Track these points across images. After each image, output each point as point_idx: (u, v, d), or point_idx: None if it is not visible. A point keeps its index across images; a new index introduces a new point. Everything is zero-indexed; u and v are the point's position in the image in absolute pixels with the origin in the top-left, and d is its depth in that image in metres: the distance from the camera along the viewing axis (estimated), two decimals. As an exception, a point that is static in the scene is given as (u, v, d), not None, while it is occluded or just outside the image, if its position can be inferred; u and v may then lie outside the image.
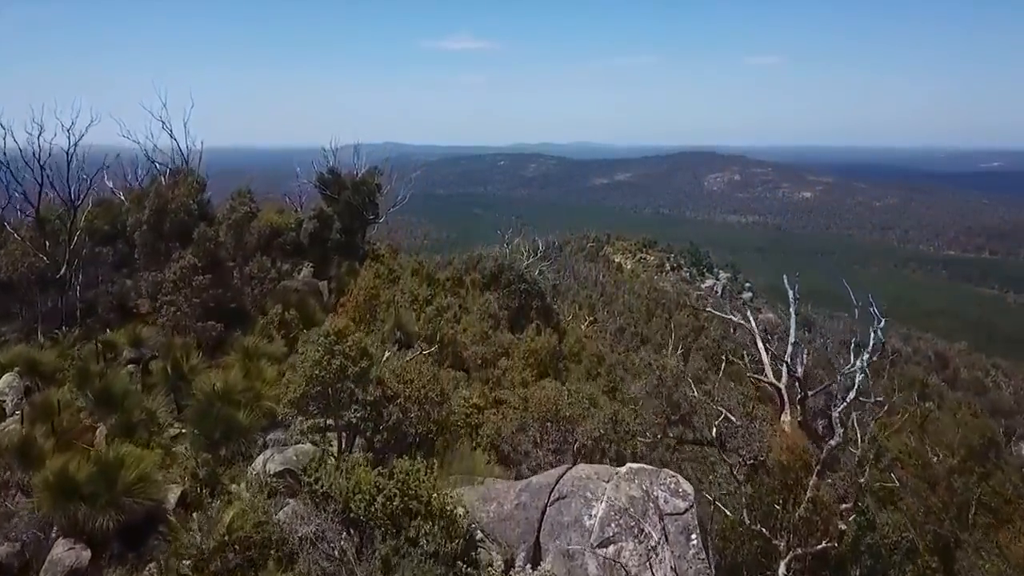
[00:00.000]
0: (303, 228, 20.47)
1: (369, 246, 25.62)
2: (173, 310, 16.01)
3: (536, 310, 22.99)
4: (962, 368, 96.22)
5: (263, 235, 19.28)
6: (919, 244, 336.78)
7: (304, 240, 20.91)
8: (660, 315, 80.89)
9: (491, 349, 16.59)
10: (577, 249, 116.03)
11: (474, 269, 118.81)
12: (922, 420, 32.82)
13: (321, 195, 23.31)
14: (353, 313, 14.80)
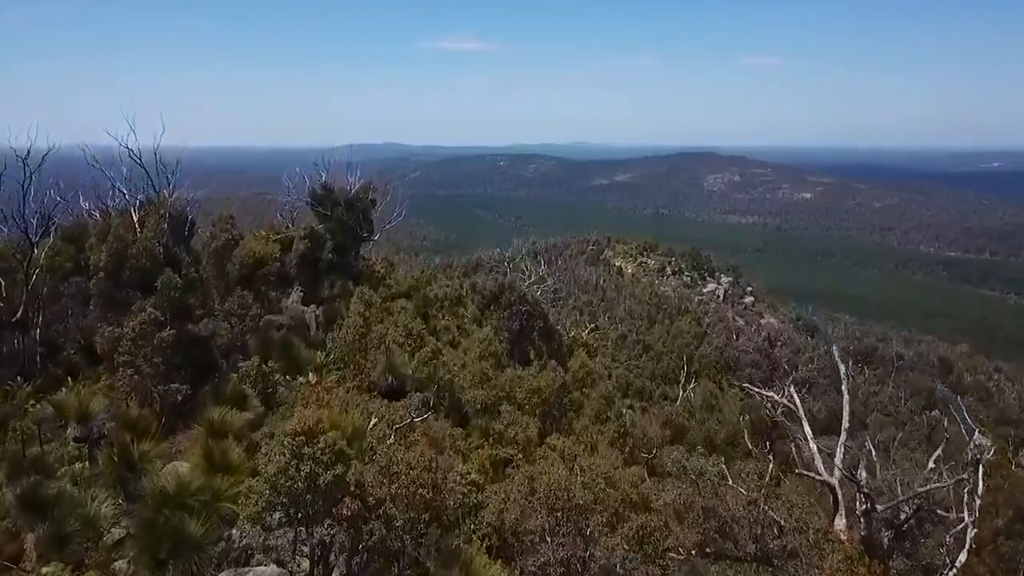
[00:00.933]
0: (293, 249, 19.32)
1: (364, 262, 24.53)
2: (131, 372, 13.75)
3: (538, 331, 21.94)
4: (966, 373, 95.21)
5: (245, 265, 17.61)
6: (919, 245, 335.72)
7: (291, 269, 19.71)
8: (662, 321, 79.93)
9: (492, 393, 15.30)
10: (577, 252, 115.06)
11: (474, 272, 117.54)
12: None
13: (313, 211, 22.08)
14: (326, 403, 13.13)
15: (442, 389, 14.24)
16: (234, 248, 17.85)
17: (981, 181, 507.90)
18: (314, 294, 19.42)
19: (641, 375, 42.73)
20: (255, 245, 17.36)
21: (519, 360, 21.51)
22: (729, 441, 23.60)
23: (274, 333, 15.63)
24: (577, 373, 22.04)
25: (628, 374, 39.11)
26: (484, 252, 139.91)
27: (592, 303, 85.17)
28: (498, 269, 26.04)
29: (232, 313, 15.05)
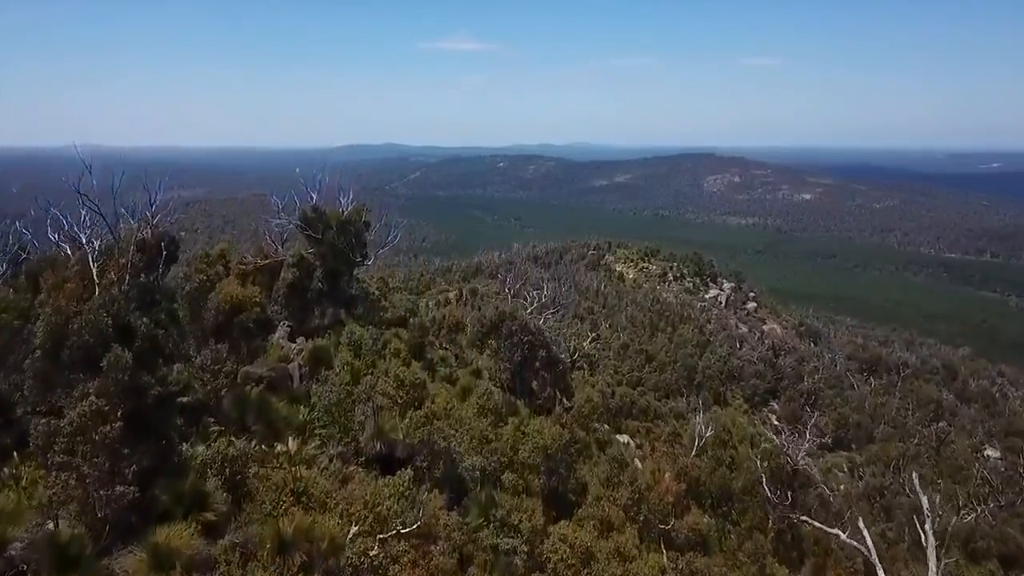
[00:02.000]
0: (281, 278, 18.10)
1: (359, 284, 23.29)
2: (66, 476, 10.56)
3: (540, 361, 20.77)
4: (970, 380, 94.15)
5: (221, 312, 15.99)
6: (920, 247, 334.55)
7: (275, 308, 18.40)
8: (664, 329, 78.77)
9: (492, 459, 13.94)
10: (578, 257, 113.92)
11: (474, 276, 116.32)
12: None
13: (303, 235, 20.74)
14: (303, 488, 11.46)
15: (437, 455, 12.95)
16: (211, 290, 16.23)
17: (981, 182, 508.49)
18: (303, 325, 18.25)
19: (645, 391, 41.56)
20: (232, 289, 15.67)
21: (521, 392, 20.41)
22: (747, 490, 22.44)
23: (252, 387, 14.26)
24: (583, 408, 20.90)
25: (632, 391, 38.00)
26: (484, 256, 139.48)
27: (593, 310, 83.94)
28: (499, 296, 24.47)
29: (205, 369, 13.53)
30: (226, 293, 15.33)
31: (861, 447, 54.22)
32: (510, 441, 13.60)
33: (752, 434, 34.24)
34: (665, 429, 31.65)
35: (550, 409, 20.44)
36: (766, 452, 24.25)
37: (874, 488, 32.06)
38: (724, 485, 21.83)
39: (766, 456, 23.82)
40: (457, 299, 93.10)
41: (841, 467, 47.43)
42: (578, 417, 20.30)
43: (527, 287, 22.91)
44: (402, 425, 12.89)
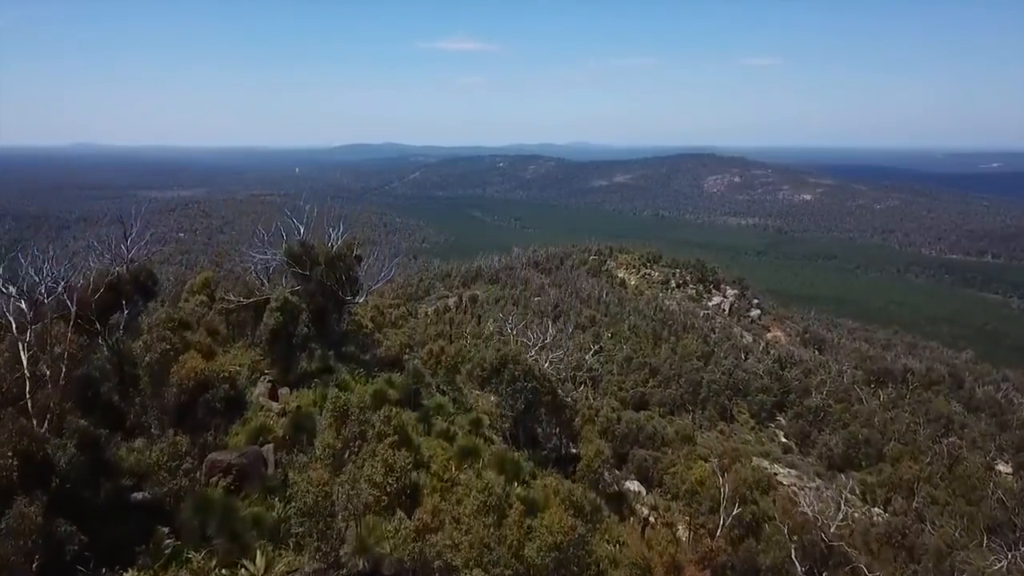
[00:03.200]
0: (263, 323, 16.60)
1: (350, 316, 21.74)
2: None
3: (546, 406, 19.26)
4: (977, 388, 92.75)
5: (185, 390, 14.50)
6: (921, 248, 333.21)
7: (261, 347, 16.88)
8: (667, 339, 77.33)
9: (495, 572, 12.19)
10: (579, 263, 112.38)
11: (473, 282, 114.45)
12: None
13: (290, 271, 19.12)
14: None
15: (430, 573, 11.32)
16: (173, 361, 14.09)
17: (981, 182, 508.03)
18: (288, 373, 16.75)
19: (651, 413, 40.04)
20: (196, 363, 13.69)
21: (524, 442, 18.91)
22: (776, 569, 20.81)
23: (219, 480, 12.50)
24: (592, 463, 19.38)
25: (638, 417, 36.52)
26: (484, 260, 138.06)
27: (595, 319, 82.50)
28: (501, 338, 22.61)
29: (161, 466, 11.69)
30: (189, 368, 13.47)
31: (871, 465, 52.75)
32: (514, 544, 12.00)
33: (768, 476, 32.45)
34: (680, 482, 30.03)
35: (557, 459, 18.98)
36: (796, 526, 22.58)
37: (895, 528, 30.60)
38: (750, 560, 20.27)
39: (796, 529, 22.20)
40: (457, 306, 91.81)
41: (853, 490, 45.85)
42: (587, 471, 18.84)
43: (530, 328, 20.78)
44: (390, 532, 11.26)
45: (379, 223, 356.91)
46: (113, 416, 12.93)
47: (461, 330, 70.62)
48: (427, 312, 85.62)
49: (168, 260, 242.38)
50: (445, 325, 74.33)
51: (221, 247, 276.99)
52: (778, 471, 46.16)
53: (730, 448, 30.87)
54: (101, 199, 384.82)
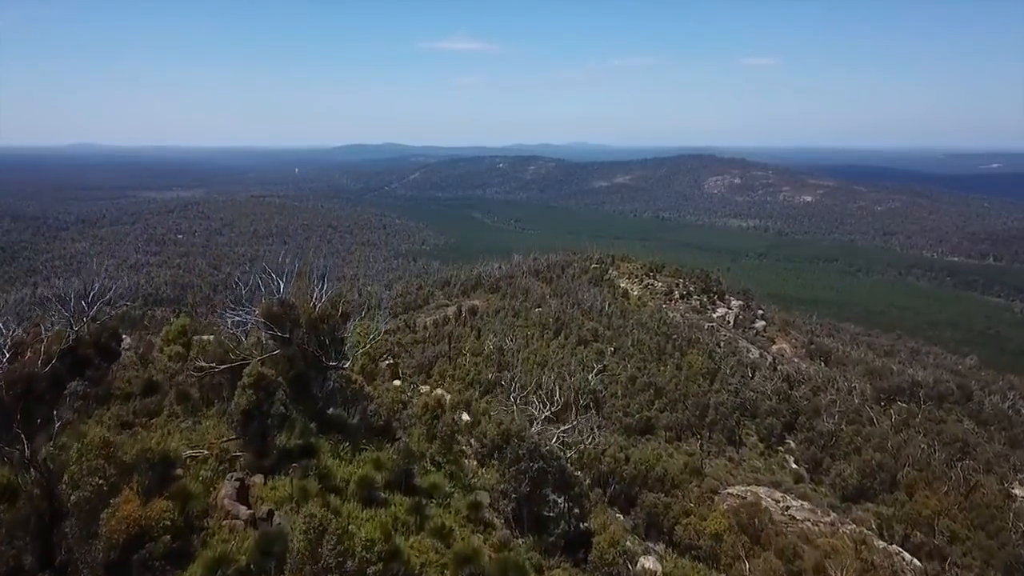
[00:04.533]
0: (235, 403, 14.62)
1: (338, 376, 19.60)
2: None
3: (553, 482, 17.25)
4: (985, 401, 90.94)
5: (115, 546, 10.68)
6: (923, 250, 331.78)
7: (233, 427, 14.84)
8: (672, 354, 75.34)
9: None
10: (580, 271, 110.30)
11: (473, 291, 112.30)
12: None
13: (267, 333, 16.98)
14: None
15: None
16: (104, 504, 11.15)
17: (981, 183, 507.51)
18: (262, 456, 14.75)
19: (659, 454, 38.15)
20: (132, 509, 10.99)
21: (529, 526, 16.93)
22: None
23: None
24: (606, 555, 17.45)
25: (648, 458, 34.58)
26: (484, 267, 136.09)
27: (597, 332, 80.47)
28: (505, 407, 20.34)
29: None
30: (124, 514, 11.09)
31: (885, 491, 50.90)
32: None
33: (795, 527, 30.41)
34: (694, 534, 28.18)
35: (566, 544, 16.98)
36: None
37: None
38: None
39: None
40: (456, 316, 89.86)
41: (869, 524, 43.99)
42: (600, 563, 16.87)
43: (535, 393, 18.64)
44: None
45: (378, 224, 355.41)
46: (40, 546, 10.90)
47: (460, 346, 68.66)
48: (426, 324, 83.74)
49: (166, 263, 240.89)
50: (444, 340, 72.44)
51: (219, 249, 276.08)
52: (791, 504, 44.18)
53: (748, 504, 28.90)
54: (100, 200, 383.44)
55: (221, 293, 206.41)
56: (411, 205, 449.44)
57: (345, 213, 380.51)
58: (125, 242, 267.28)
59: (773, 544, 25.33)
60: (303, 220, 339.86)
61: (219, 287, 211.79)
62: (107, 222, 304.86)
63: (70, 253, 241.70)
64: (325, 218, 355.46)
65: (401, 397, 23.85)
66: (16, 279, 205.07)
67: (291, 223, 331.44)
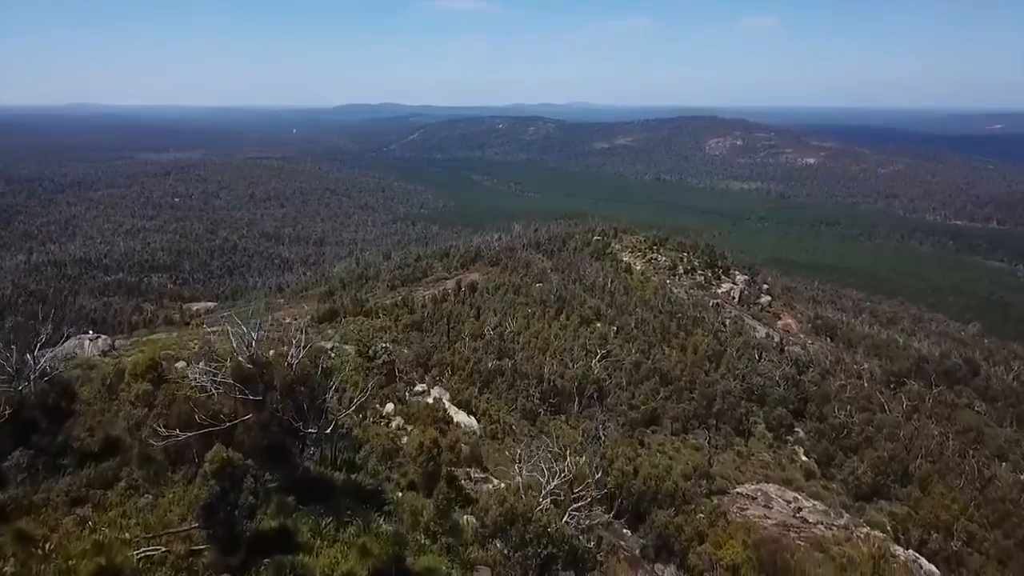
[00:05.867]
0: (195, 496, 12.50)
1: (322, 441, 17.32)
2: None
3: (564, 564, 15.17)
4: (992, 376, 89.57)
5: None
6: (925, 213, 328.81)
7: (198, 520, 12.67)
8: (676, 334, 73.41)
9: None
10: (582, 244, 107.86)
11: (473, 263, 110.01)
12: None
13: (237, 396, 14.67)
14: None
15: None
16: None
17: (985, 144, 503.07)
18: (229, 551, 12.72)
19: (670, 464, 36.33)
20: None
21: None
22: None
23: None
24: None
25: (656, 470, 32.72)
26: (483, 238, 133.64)
27: (600, 311, 78.43)
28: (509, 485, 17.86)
29: None
30: None
31: (898, 484, 49.32)
32: None
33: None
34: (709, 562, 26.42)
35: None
36: None
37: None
38: None
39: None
40: (455, 293, 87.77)
41: (884, 526, 42.44)
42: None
43: (541, 458, 16.31)
44: None
45: (376, 187, 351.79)
46: None
47: (460, 328, 66.62)
48: (424, 300, 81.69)
49: (162, 228, 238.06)
50: (442, 321, 70.40)
51: (217, 213, 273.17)
52: (803, 505, 42.53)
53: (769, 541, 27.07)
54: (95, 162, 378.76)
55: (218, 259, 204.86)
56: (410, 167, 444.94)
57: (343, 175, 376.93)
58: (121, 206, 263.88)
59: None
60: (300, 183, 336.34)
61: (216, 252, 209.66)
62: (103, 185, 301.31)
63: (65, 218, 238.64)
64: (323, 181, 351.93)
65: (394, 443, 21.90)
66: (11, 244, 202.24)
67: (289, 186, 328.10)
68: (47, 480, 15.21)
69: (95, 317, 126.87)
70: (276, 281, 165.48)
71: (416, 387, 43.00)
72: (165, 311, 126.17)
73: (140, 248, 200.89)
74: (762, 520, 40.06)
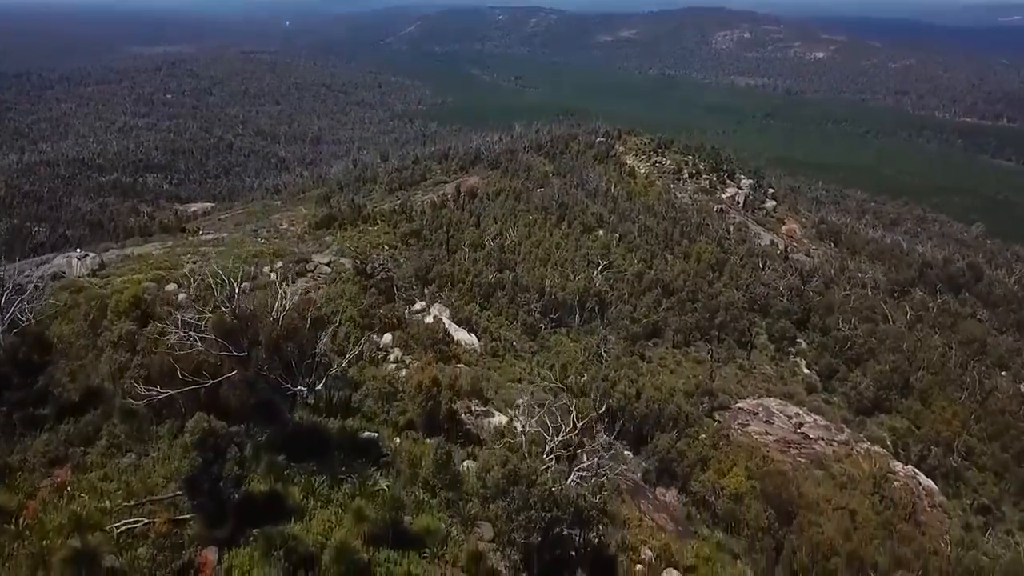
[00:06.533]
0: (176, 472, 11.68)
1: (312, 399, 16.27)
2: None
3: (576, 548, 14.14)
4: (995, 282, 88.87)
5: None
6: (935, 110, 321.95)
7: (182, 488, 11.72)
8: (679, 242, 72.27)
9: None
10: (585, 146, 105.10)
11: (472, 165, 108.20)
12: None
13: (220, 352, 13.49)
14: None
15: None
16: None
17: (999, 38, 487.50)
18: (216, 524, 11.98)
19: (673, 389, 35.68)
20: None
21: (539, 573, 14.21)
22: None
23: None
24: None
25: (660, 394, 32.18)
26: (483, 140, 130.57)
27: (603, 217, 77.04)
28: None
29: None
30: None
31: (899, 396, 49.22)
32: None
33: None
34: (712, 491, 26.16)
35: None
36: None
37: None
38: None
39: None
40: (454, 198, 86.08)
41: (884, 442, 42.43)
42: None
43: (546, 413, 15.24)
44: None
45: (373, 83, 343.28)
46: None
47: (460, 238, 65.44)
48: (423, 206, 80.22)
49: (155, 126, 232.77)
50: (441, 229, 69.16)
51: (210, 110, 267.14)
52: (804, 420, 42.47)
53: (774, 473, 26.67)
54: (84, 56, 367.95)
55: (213, 159, 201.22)
56: (407, 61, 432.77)
57: (339, 71, 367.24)
58: (112, 102, 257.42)
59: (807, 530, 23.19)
60: (295, 79, 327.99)
61: (211, 152, 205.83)
62: (92, 81, 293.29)
63: (56, 115, 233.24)
64: (318, 76, 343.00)
65: (391, 387, 21.10)
66: (2, 143, 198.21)
67: (283, 82, 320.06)
68: (23, 438, 14.45)
69: (91, 220, 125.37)
70: (273, 182, 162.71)
71: (415, 305, 42.22)
72: (162, 212, 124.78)
73: (134, 147, 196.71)
74: (763, 437, 40.03)
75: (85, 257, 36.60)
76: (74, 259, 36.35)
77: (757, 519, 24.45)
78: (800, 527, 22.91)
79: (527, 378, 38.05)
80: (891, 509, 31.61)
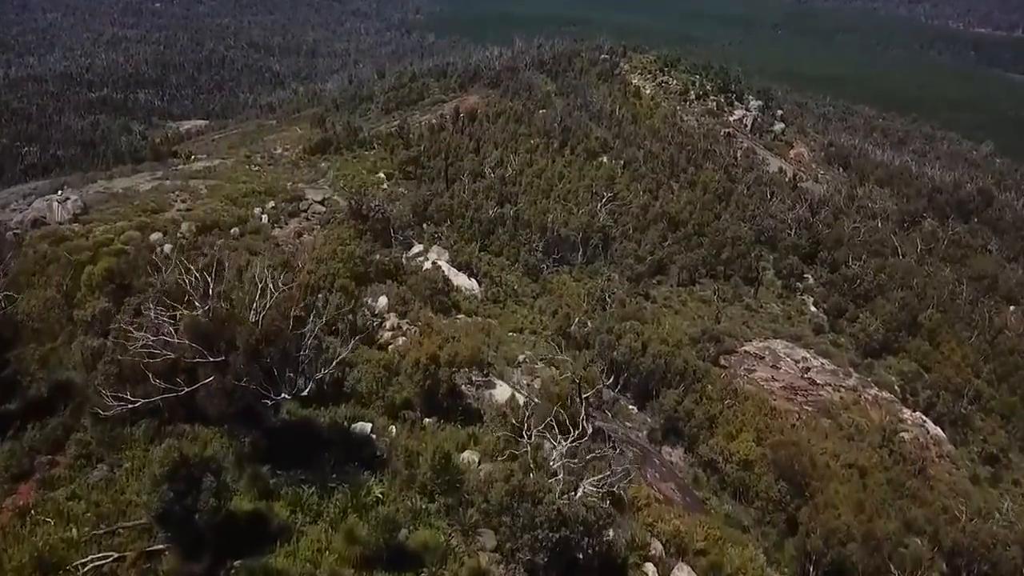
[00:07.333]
0: (146, 506, 10.54)
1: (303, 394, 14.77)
2: None
3: (584, 561, 13.13)
4: (1005, 208, 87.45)
5: None
6: (949, 20, 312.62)
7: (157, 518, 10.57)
8: (685, 169, 70.21)
9: None
10: (588, 64, 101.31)
11: (471, 83, 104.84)
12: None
13: (194, 358, 12.05)
14: None
15: None
16: None
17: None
18: (192, 555, 10.98)
19: (679, 344, 34.45)
20: None
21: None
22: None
23: None
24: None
25: (668, 348, 31.09)
26: (482, 53, 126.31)
27: (607, 141, 74.74)
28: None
29: None
30: None
31: (907, 335, 48.21)
32: None
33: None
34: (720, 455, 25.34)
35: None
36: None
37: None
38: None
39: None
40: (453, 121, 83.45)
41: (892, 387, 41.59)
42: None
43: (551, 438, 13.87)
44: None
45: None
46: None
47: (459, 167, 63.34)
48: (421, 128, 77.77)
49: (145, 38, 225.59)
50: (440, 156, 67.03)
51: (201, 21, 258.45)
52: (811, 364, 41.62)
53: (787, 443, 25.71)
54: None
55: (206, 73, 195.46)
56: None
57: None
58: (99, 12, 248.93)
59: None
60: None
61: (203, 66, 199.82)
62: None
63: (42, 27, 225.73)
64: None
65: (389, 363, 19.92)
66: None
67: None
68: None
69: (83, 139, 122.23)
70: (268, 99, 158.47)
71: (413, 249, 40.83)
72: (155, 131, 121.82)
73: (123, 61, 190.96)
74: (770, 383, 39.19)
75: (67, 201, 35.01)
76: (55, 203, 34.78)
77: (768, 491, 23.75)
78: (815, 506, 22.11)
79: (529, 327, 36.96)
80: (900, 464, 31.03)
